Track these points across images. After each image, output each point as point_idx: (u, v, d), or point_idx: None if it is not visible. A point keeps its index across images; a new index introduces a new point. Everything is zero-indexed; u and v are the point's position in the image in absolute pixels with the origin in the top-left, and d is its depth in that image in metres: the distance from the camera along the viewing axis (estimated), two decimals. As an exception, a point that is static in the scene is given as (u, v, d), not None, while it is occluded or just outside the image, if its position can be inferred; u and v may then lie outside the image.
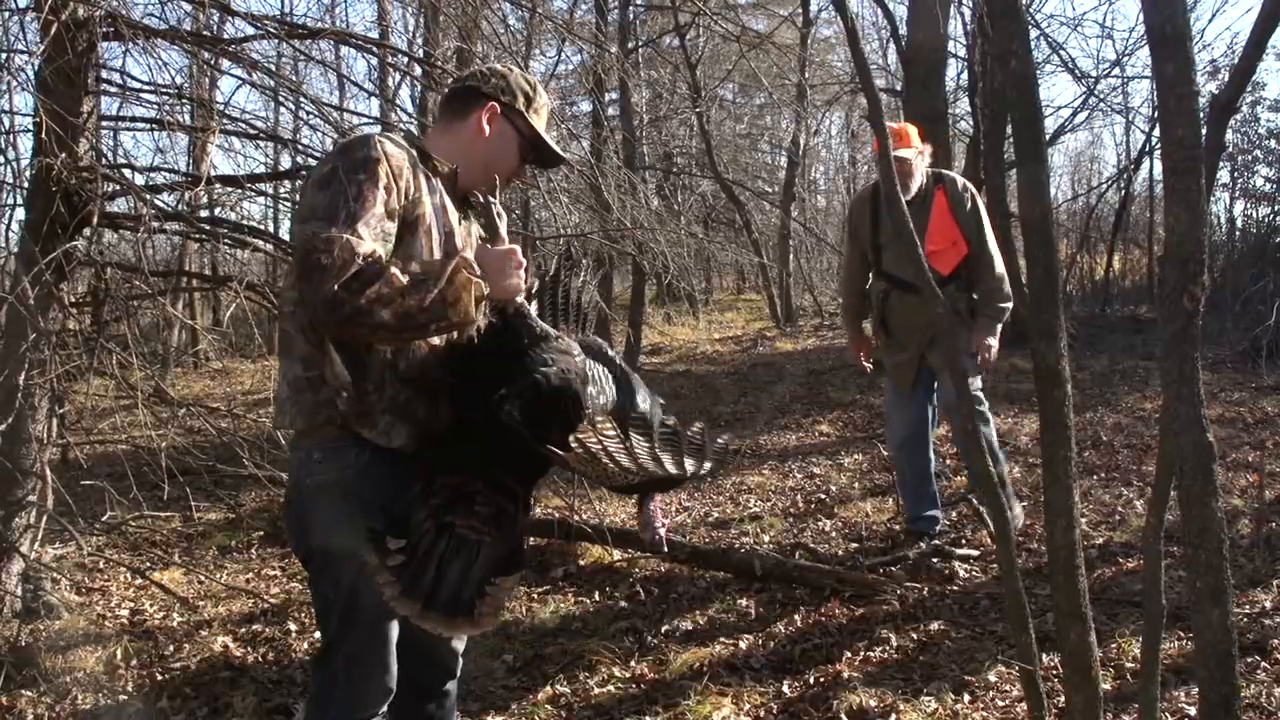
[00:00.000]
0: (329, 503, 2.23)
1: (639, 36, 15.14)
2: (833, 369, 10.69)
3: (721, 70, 16.18)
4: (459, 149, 2.39)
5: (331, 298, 1.97)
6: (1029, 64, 2.26)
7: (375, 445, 2.21)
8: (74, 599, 4.66)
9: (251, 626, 4.33)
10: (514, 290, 2.21)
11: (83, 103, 4.14)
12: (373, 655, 2.28)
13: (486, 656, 4.00)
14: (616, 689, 3.66)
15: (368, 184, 2.09)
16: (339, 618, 2.27)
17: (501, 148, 2.41)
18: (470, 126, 2.40)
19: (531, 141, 2.44)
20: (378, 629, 2.28)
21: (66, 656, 4.00)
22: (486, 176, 2.40)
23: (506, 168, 2.43)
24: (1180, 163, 1.62)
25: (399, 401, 2.22)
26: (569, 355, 2.16)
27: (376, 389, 2.20)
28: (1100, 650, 3.30)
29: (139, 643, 4.13)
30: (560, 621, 4.33)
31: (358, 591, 2.22)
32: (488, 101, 2.40)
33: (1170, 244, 1.70)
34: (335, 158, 2.20)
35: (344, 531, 2.19)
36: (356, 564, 2.17)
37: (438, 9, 5.81)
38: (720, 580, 4.66)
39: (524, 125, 2.42)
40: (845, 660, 3.69)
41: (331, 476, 2.22)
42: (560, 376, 2.08)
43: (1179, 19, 1.59)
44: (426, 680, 2.53)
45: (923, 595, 4.29)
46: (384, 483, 2.21)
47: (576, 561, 5.06)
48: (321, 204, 2.08)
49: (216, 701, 3.65)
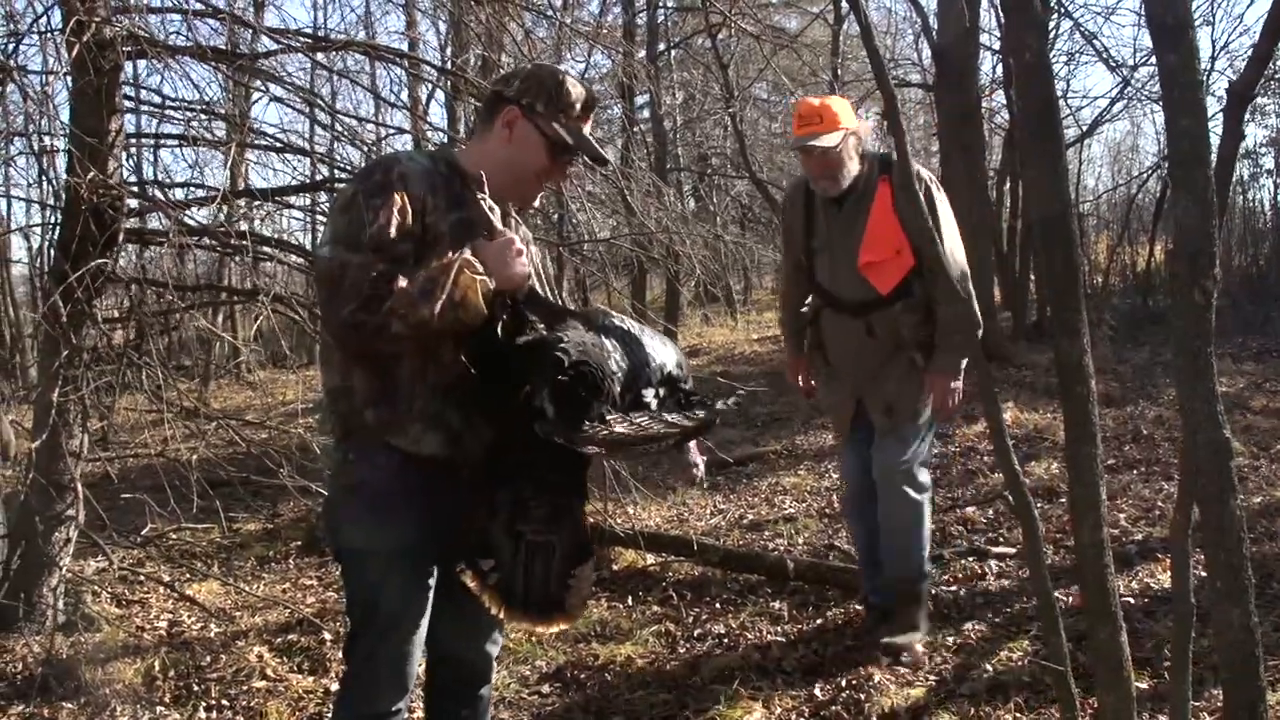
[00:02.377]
0: (359, 503, 2.32)
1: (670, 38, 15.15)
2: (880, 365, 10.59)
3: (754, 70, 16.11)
4: (487, 156, 2.39)
5: (349, 320, 2.09)
6: (1044, 57, 2.23)
7: (406, 452, 2.27)
8: (114, 611, 4.72)
9: (287, 636, 4.36)
10: (518, 279, 2.22)
11: (110, 121, 4.20)
12: (390, 652, 2.34)
13: (519, 663, 4.02)
14: (647, 694, 3.65)
15: (384, 209, 2.17)
16: (361, 613, 2.36)
17: (526, 150, 2.39)
18: (495, 133, 2.41)
19: (558, 143, 2.40)
20: (397, 628, 2.33)
21: (105, 668, 4.04)
22: (516, 180, 2.40)
23: (536, 169, 2.41)
24: (1186, 154, 1.59)
25: (429, 412, 2.27)
26: (581, 330, 2.19)
27: (406, 400, 2.26)
28: (1137, 650, 3.26)
29: (176, 654, 4.18)
30: (593, 626, 4.32)
31: (379, 590, 2.31)
32: (507, 105, 2.40)
33: (1179, 237, 1.66)
34: (356, 182, 2.30)
35: (373, 531, 2.30)
36: (380, 564, 2.29)
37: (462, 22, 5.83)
38: (753, 583, 4.64)
39: (547, 127, 2.38)
40: (877, 662, 3.66)
41: (363, 477, 2.30)
42: (579, 349, 2.11)
43: (1180, 8, 1.56)
44: (461, 684, 2.60)
45: (957, 595, 4.24)
46: (416, 486, 2.28)
47: (610, 566, 5.06)
48: (341, 229, 2.18)
49: (252, 712, 3.69)
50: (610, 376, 2.12)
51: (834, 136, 3.59)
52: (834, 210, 3.77)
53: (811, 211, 3.86)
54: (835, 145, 3.60)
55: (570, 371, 2.07)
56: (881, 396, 3.80)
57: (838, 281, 3.80)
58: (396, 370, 2.24)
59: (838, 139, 3.60)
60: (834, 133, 3.59)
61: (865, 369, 3.82)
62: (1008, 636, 3.78)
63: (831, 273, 3.82)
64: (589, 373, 2.09)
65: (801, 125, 3.65)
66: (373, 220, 2.15)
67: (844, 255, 3.74)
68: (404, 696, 2.39)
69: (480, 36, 5.10)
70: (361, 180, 2.27)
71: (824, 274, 3.86)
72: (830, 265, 3.82)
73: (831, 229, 3.79)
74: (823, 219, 3.82)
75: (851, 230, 3.71)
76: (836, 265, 3.79)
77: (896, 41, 19.03)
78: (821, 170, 3.67)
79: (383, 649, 2.34)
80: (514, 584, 2.24)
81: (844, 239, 3.74)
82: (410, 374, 2.25)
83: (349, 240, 2.14)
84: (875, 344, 3.78)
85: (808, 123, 3.62)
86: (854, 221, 3.71)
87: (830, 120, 3.60)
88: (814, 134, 3.59)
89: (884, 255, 3.67)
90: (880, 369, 3.79)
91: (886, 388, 3.79)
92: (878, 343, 3.77)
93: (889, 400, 3.78)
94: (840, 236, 3.76)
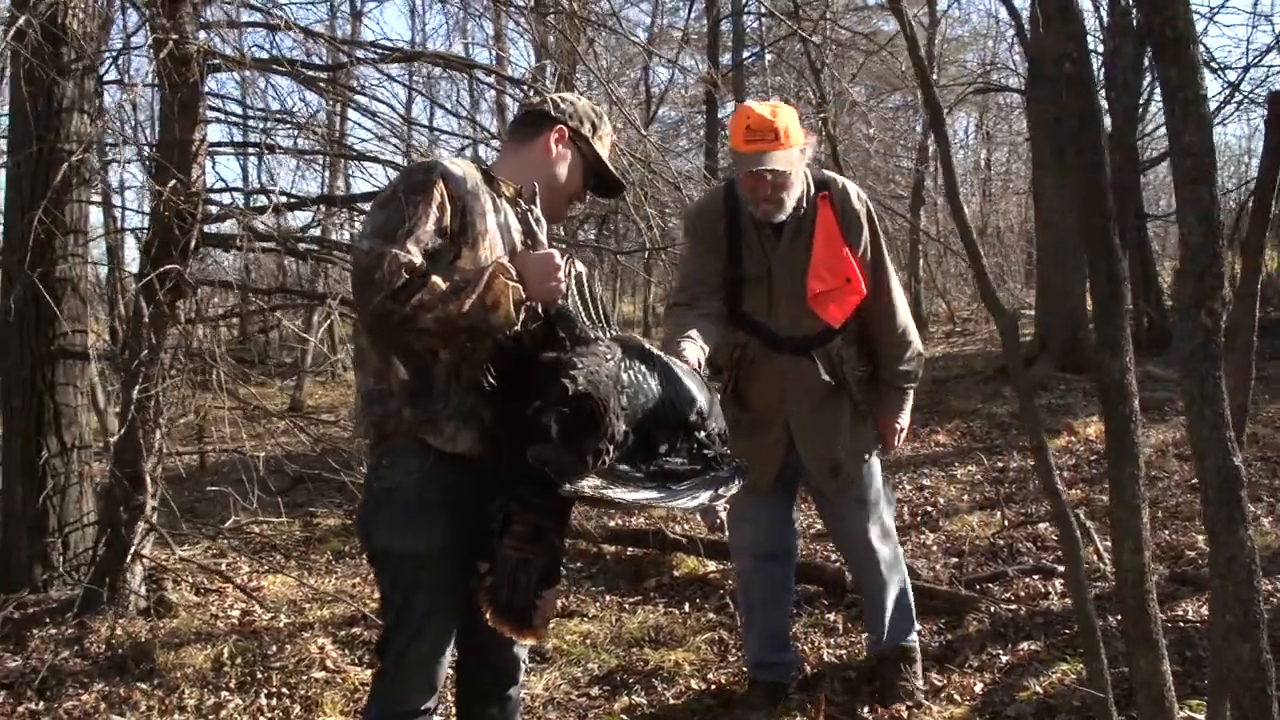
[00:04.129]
0: (392, 507, 2.38)
1: (765, 41, 15.10)
2: (957, 377, 10.45)
3: (846, 74, 15.96)
4: (526, 169, 2.49)
5: (380, 308, 2.13)
6: (1086, 66, 2.20)
7: (440, 451, 2.33)
8: (193, 599, 4.92)
9: (350, 630, 4.50)
10: (553, 294, 2.27)
11: (193, 130, 4.39)
12: (420, 653, 2.41)
13: (572, 665, 4.07)
14: (691, 700, 3.68)
15: (422, 204, 2.24)
16: (394, 615, 2.43)
17: (566, 170, 2.52)
18: (538, 148, 2.51)
19: (594, 166, 2.56)
20: (426, 629, 2.40)
21: (179, 653, 4.23)
22: (551, 197, 2.50)
23: (570, 189, 2.55)
24: (1191, 172, 1.55)
25: (464, 409, 2.33)
26: (600, 359, 2.20)
27: (441, 397, 2.32)
28: (1188, 678, 3.16)
29: (245, 642, 4.34)
30: (647, 632, 4.36)
31: (411, 592, 2.38)
32: (556, 125, 2.51)
33: (1185, 257, 1.63)
34: (399, 181, 2.36)
35: (404, 533, 2.36)
36: (412, 566, 2.36)
37: (545, 45, 5.95)
38: (811, 593, 4.62)
39: (588, 150, 2.54)
40: (926, 678, 3.61)
41: (396, 481, 2.36)
42: (588, 379, 2.12)
43: (1180, 20, 1.53)
44: (490, 685, 2.65)
45: (1016, 613, 4.16)
46: (446, 488, 2.34)
47: (671, 572, 5.09)
48: (380, 223, 2.24)
49: (309, 700, 3.82)
50: (613, 413, 2.11)
51: (788, 155, 3.11)
52: (769, 234, 3.28)
53: (735, 234, 3.31)
54: (791, 169, 3.13)
55: (572, 402, 2.08)
56: (825, 452, 3.37)
57: (776, 314, 3.30)
58: (432, 369, 2.31)
59: (793, 160, 3.13)
60: (789, 150, 3.10)
61: (799, 414, 3.34)
62: (1063, 658, 3.69)
63: (769, 305, 3.30)
64: (590, 408, 2.09)
65: (750, 140, 3.11)
66: (411, 215, 2.22)
67: (786, 285, 3.27)
68: (433, 695, 2.46)
69: (560, 55, 5.18)
70: (404, 178, 2.35)
71: (757, 306, 3.31)
72: (769, 296, 3.30)
73: (769, 256, 3.29)
74: (755, 244, 3.29)
75: (794, 257, 3.25)
76: (776, 297, 3.30)
77: (998, 44, 18.67)
78: (769, 193, 3.16)
79: (413, 649, 2.41)
80: (500, 591, 2.26)
81: (786, 267, 3.27)
82: (445, 373, 2.31)
83: (386, 233, 2.20)
84: (817, 384, 3.31)
85: (758, 137, 3.10)
86: (795, 247, 3.26)
87: (785, 136, 3.09)
88: (766, 152, 3.08)
89: (835, 284, 3.22)
90: (817, 415, 3.35)
91: (831, 442, 3.36)
92: (820, 382, 3.30)
93: (835, 458, 3.37)
94: (781, 265, 3.28)
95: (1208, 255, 1.60)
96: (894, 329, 3.35)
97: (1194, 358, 1.66)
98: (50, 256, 4.63)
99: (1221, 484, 1.70)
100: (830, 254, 3.22)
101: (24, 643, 4.37)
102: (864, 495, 3.47)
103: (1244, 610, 1.73)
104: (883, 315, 3.33)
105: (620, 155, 4.99)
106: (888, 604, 3.55)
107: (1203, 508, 2.00)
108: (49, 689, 3.95)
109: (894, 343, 3.36)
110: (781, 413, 3.36)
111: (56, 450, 4.82)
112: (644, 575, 5.09)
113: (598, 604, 4.78)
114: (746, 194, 3.23)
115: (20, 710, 3.82)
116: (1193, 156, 1.56)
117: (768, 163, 3.08)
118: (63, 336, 4.80)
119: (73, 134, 4.57)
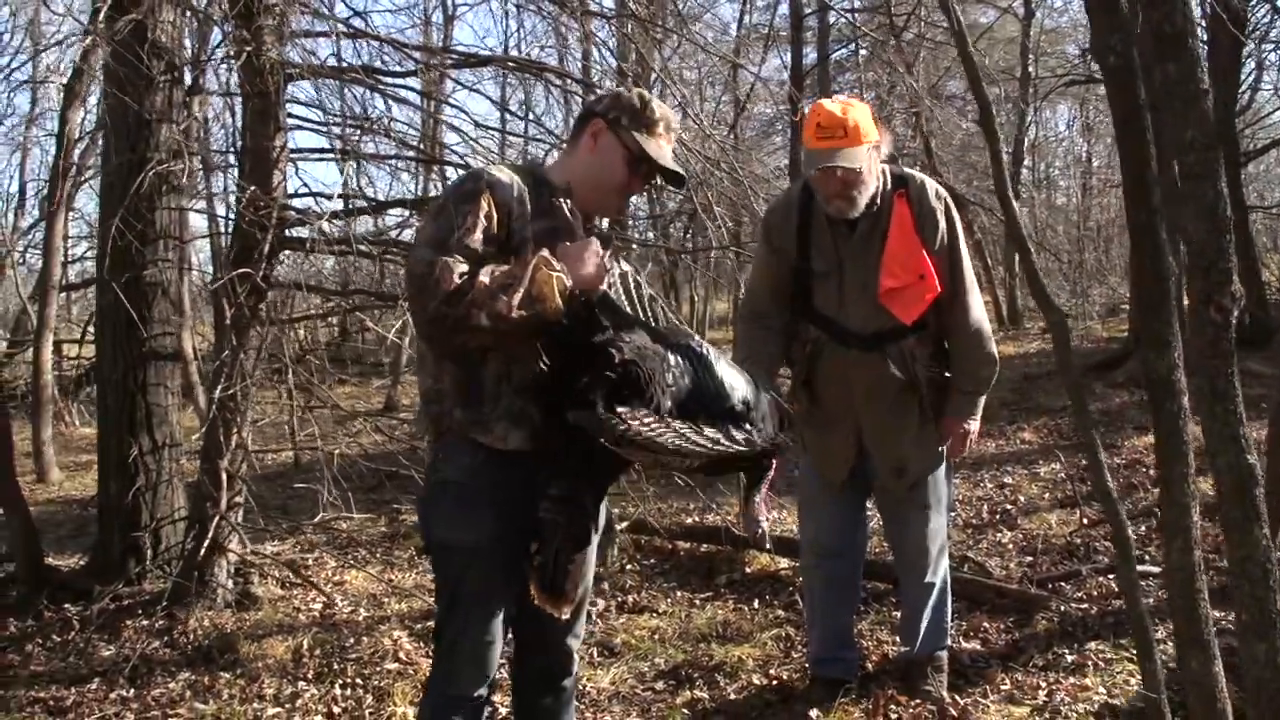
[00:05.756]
0: (446, 500, 2.47)
1: (857, 35, 14.95)
2: (1048, 373, 10.20)
3: (940, 67, 15.70)
4: (573, 169, 2.55)
5: (435, 314, 2.22)
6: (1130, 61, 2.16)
7: (491, 448, 2.40)
8: (278, 592, 5.09)
9: (426, 623, 4.60)
10: (595, 279, 2.33)
11: (274, 138, 4.55)
12: (471, 641, 2.48)
13: (639, 660, 4.12)
14: (752, 695, 3.68)
15: (471, 214, 2.31)
16: (447, 604, 2.52)
17: (607, 162, 2.52)
18: (581, 147, 2.55)
19: (638, 155, 2.51)
20: (478, 618, 2.47)
21: (261, 644, 4.40)
22: (599, 192, 2.54)
23: (616, 182, 2.54)
24: (1193, 168, 1.52)
25: (513, 410, 2.40)
26: (647, 340, 2.27)
27: (491, 400, 2.40)
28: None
29: (325, 634, 4.48)
30: (715, 627, 4.38)
31: (463, 582, 2.47)
32: (594, 119, 2.53)
33: (1190, 253, 1.59)
34: (449, 191, 2.48)
35: (456, 526, 2.45)
36: (464, 556, 2.44)
37: (626, 52, 6.01)
38: (880, 591, 4.58)
39: (629, 139, 2.50)
40: (988, 677, 3.57)
41: (450, 475, 2.46)
42: (635, 351, 2.20)
43: (1178, 15, 1.49)
44: (543, 675, 2.73)
45: (1087, 613, 4.07)
46: (496, 484, 2.41)
47: (743, 569, 5.10)
48: (431, 232, 2.34)
49: (381, 691, 3.92)
50: (660, 386, 2.18)
51: (860, 153, 3.10)
52: (843, 230, 3.30)
53: (808, 230, 3.35)
54: (861, 166, 3.12)
55: (619, 369, 2.15)
56: (892, 453, 3.40)
57: (847, 310, 3.30)
58: (481, 372, 2.39)
59: (864, 157, 3.12)
60: (859, 147, 3.10)
61: (872, 412, 3.35)
62: (1130, 659, 3.61)
63: (840, 300, 3.31)
64: (637, 374, 2.16)
65: (821, 137, 3.13)
66: (460, 224, 2.29)
67: (859, 281, 3.28)
68: (485, 683, 2.52)
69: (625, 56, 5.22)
70: (454, 189, 2.44)
71: (827, 301, 3.32)
72: (839, 292, 3.30)
73: (841, 252, 3.31)
74: (828, 240, 3.31)
75: (867, 253, 3.26)
76: (848, 292, 3.30)
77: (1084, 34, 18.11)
78: (841, 190, 3.18)
79: (465, 637, 2.48)
80: (546, 568, 2.33)
81: (859, 263, 3.28)
82: (495, 376, 2.39)
83: (437, 242, 2.28)
84: (887, 381, 3.31)
85: (829, 135, 3.11)
86: (869, 244, 3.26)
87: (854, 133, 3.10)
88: (836, 149, 3.10)
89: (907, 280, 3.21)
90: (889, 416, 3.35)
91: (899, 444, 3.39)
92: (890, 380, 3.30)
93: (902, 459, 3.39)
94: (854, 260, 3.29)
95: (1212, 250, 1.57)
96: (967, 327, 3.30)
97: (1204, 354, 1.63)
98: (140, 262, 4.84)
99: (1235, 481, 1.66)
100: (904, 250, 3.21)
101: (118, 632, 4.59)
102: (927, 500, 3.46)
103: (1260, 609, 1.69)
104: (958, 313, 3.29)
105: (689, 152, 5.01)
106: (925, 615, 3.54)
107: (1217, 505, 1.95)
108: (139, 677, 4.14)
109: (967, 343, 3.32)
110: (851, 410, 3.36)
111: (148, 448, 5.04)
112: (716, 572, 5.11)
113: (668, 600, 4.82)
114: (819, 190, 3.25)
115: (112, 696, 4.01)
116: (1194, 151, 1.53)
117: (838, 159, 3.09)
118: (154, 339, 5.02)
119: (161, 143, 4.78)
